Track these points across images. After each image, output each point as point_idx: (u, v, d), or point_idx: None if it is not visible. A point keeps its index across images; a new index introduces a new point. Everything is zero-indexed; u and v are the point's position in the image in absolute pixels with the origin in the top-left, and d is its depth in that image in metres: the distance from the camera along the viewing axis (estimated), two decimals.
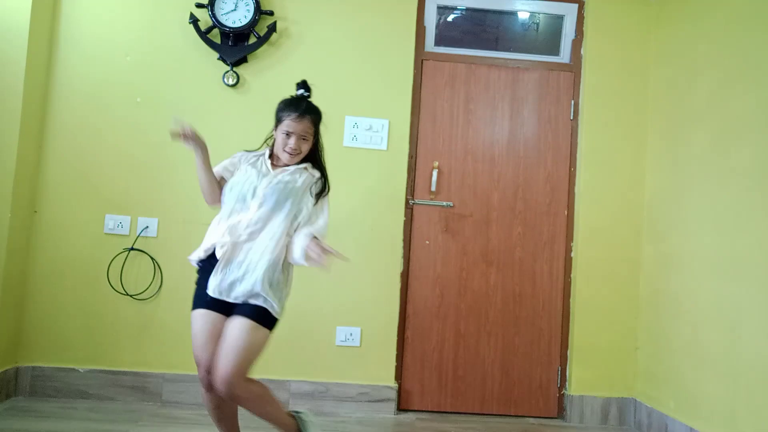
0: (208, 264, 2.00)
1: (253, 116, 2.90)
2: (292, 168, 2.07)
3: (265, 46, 2.92)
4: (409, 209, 3.01)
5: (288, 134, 2.02)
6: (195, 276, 2.86)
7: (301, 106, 2.04)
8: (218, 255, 1.96)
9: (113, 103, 2.88)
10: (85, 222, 2.83)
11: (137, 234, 2.84)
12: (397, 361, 2.94)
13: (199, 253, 2.04)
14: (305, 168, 2.09)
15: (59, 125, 2.85)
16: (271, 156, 2.10)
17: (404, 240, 2.98)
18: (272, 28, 2.89)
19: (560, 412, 3.01)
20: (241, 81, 2.92)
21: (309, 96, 2.13)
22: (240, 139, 2.88)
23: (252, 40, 2.90)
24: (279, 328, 2.08)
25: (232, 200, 2.02)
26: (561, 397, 3.01)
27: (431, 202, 3.01)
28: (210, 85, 2.91)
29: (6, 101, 2.64)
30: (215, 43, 2.88)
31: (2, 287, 2.61)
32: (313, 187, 2.07)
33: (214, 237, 2.01)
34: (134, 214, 2.86)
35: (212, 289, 1.93)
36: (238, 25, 2.85)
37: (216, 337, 1.91)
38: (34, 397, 2.75)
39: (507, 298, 3.03)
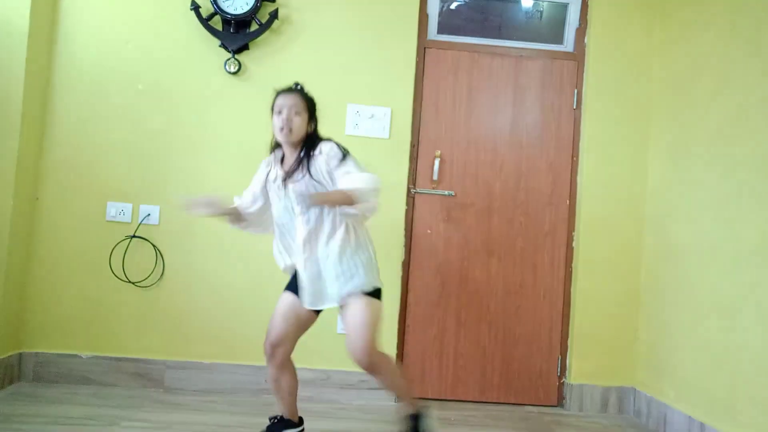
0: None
1: (255, 104, 2.89)
2: (302, 172, 2.04)
3: (266, 34, 2.90)
4: (411, 198, 3.01)
5: (279, 111, 2.05)
6: (197, 262, 2.89)
7: (288, 86, 2.12)
8: (299, 273, 2.08)
9: (114, 91, 2.87)
10: (86, 209, 2.84)
11: (139, 221, 2.85)
12: (398, 349, 2.95)
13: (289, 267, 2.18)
14: (311, 156, 2.05)
15: (61, 112, 2.84)
16: (282, 159, 2.13)
17: (406, 229, 2.98)
18: (274, 15, 2.87)
19: (560, 401, 3.03)
20: (242, 68, 2.91)
21: (301, 87, 2.15)
22: (242, 127, 2.89)
23: (254, 27, 2.88)
24: None
25: (277, 219, 2.14)
26: (561, 386, 3.03)
27: (433, 191, 3.01)
28: (211, 73, 2.90)
29: (8, 89, 2.63)
30: (217, 30, 2.86)
31: (5, 274, 2.62)
32: (330, 163, 2.03)
33: (286, 259, 2.15)
34: (136, 202, 2.86)
35: (308, 303, 2.05)
36: (239, 11, 2.83)
37: (290, 318, 2.08)
38: (37, 382, 2.77)
39: (508, 287, 3.03)
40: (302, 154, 2.06)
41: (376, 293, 2.05)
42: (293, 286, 2.11)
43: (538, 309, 3.03)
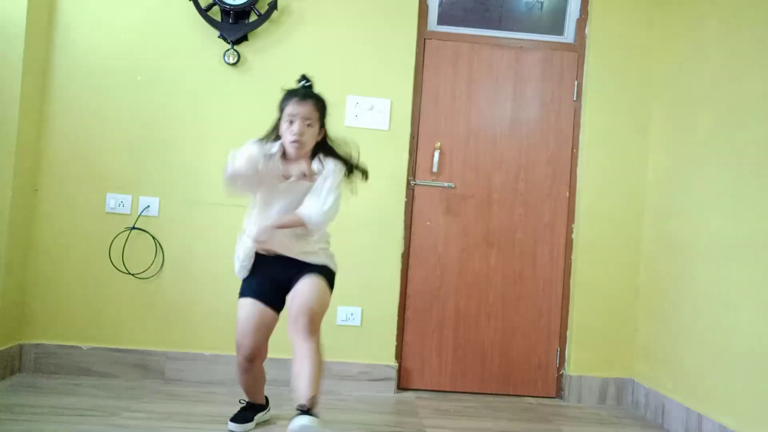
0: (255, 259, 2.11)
1: (255, 95, 2.88)
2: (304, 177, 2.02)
3: (266, 24, 2.88)
4: (411, 190, 3.01)
5: (291, 120, 1.97)
6: (197, 254, 2.88)
7: (302, 92, 2.03)
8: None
9: (113, 82, 2.86)
10: (86, 201, 2.83)
11: (138, 213, 2.84)
12: (397, 340, 2.96)
13: (242, 262, 2.12)
14: (317, 164, 2.03)
15: (59, 104, 2.83)
16: (283, 154, 2.05)
17: (405, 221, 2.98)
18: (273, 5, 2.85)
19: (559, 392, 3.04)
20: (242, 59, 2.89)
21: (311, 86, 2.10)
22: (241, 118, 2.88)
23: (253, 17, 2.87)
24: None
25: (258, 206, 2.11)
26: (560, 377, 3.04)
27: (433, 183, 3.01)
28: (210, 64, 2.89)
29: (5, 79, 2.62)
30: (215, 21, 2.84)
31: (5, 266, 2.62)
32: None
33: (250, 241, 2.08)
34: (135, 194, 2.85)
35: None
36: (238, 2, 2.81)
37: (261, 328, 2.04)
38: (38, 373, 2.78)
39: (507, 279, 3.04)
40: (312, 166, 2.04)
41: (331, 283, 2.11)
42: (251, 289, 2.08)
43: (538, 301, 3.04)
